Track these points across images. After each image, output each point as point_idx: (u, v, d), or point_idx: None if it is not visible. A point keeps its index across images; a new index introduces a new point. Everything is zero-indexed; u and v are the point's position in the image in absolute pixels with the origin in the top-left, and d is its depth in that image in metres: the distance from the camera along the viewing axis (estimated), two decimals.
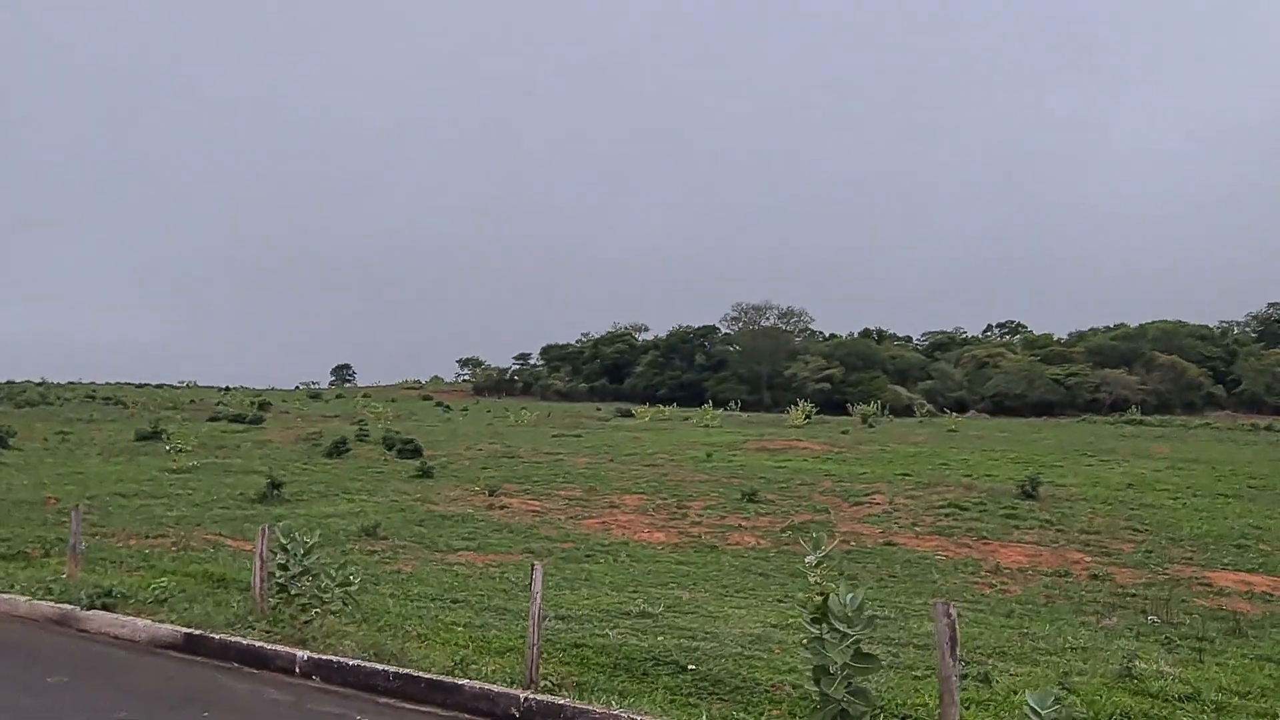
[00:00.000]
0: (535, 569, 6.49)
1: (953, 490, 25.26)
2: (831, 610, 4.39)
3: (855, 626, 4.33)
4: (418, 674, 6.16)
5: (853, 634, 4.35)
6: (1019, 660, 8.85)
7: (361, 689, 6.22)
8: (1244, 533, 20.67)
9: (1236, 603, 13.97)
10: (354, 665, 6.35)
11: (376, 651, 6.71)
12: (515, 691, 5.51)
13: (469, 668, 6.56)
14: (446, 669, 6.42)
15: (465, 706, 5.67)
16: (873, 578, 14.90)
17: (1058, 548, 18.73)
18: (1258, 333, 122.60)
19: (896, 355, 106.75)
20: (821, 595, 4.65)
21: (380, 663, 6.42)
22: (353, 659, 6.43)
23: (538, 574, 6.43)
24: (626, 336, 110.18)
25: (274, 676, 6.80)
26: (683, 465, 30.46)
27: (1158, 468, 32.76)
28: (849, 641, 4.35)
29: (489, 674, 6.46)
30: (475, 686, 5.65)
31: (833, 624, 4.38)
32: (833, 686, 4.32)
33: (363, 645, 6.82)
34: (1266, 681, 8.14)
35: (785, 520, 20.54)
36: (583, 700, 5.80)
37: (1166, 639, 10.19)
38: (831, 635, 4.40)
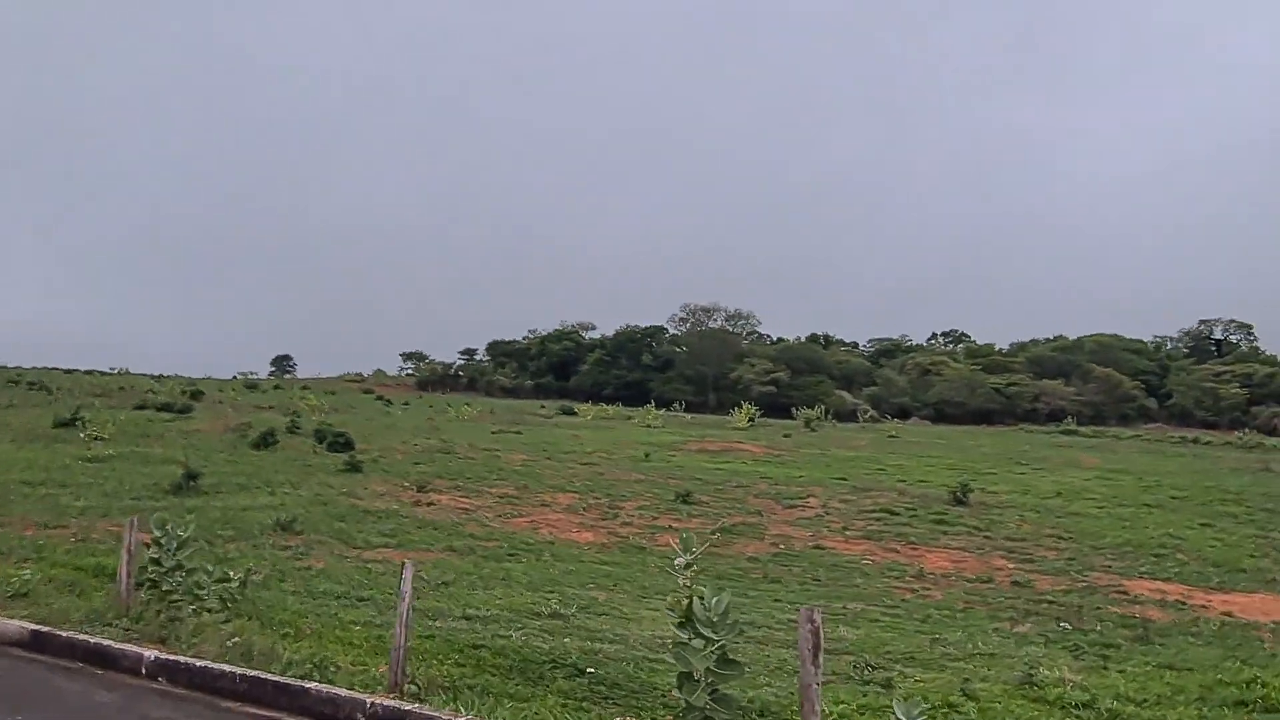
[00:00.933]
0: (405, 569, 6.21)
1: (886, 495, 25.44)
2: (696, 615, 4.19)
3: (720, 632, 4.14)
4: (265, 677, 5.83)
5: (717, 639, 4.15)
6: (926, 666, 8.79)
7: (207, 691, 5.87)
8: (1163, 542, 21.10)
9: (1149, 610, 14.17)
10: (201, 667, 5.99)
11: (244, 652, 6.36)
12: (362, 697, 5.23)
13: (327, 669, 6.25)
14: (304, 672, 6.10)
15: (311, 711, 5.37)
16: (796, 581, 14.84)
17: (983, 554, 18.90)
18: (1189, 348, 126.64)
19: (843, 360, 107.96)
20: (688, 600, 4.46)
21: (245, 664, 6.07)
22: (202, 660, 6.06)
23: (407, 574, 6.15)
24: (574, 334, 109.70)
25: (117, 677, 6.40)
26: (620, 465, 30.25)
27: (1087, 477, 33.44)
28: (713, 647, 4.15)
29: (356, 676, 6.16)
30: (322, 691, 5.35)
31: (698, 629, 4.18)
32: (695, 694, 4.13)
33: (228, 645, 6.45)
34: (1164, 689, 8.18)
35: (716, 522, 20.43)
36: (440, 707, 5.53)
37: (1075, 646, 10.25)
38: (696, 641, 4.20)
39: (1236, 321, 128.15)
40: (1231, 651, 10.96)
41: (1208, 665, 9.59)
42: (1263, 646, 11.79)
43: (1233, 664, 9.69)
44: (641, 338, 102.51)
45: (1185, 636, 12.06)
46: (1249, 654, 10.82)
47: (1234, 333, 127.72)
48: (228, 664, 5.96)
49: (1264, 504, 27.91)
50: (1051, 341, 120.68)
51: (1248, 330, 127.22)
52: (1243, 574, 18.46)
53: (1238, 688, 8.17)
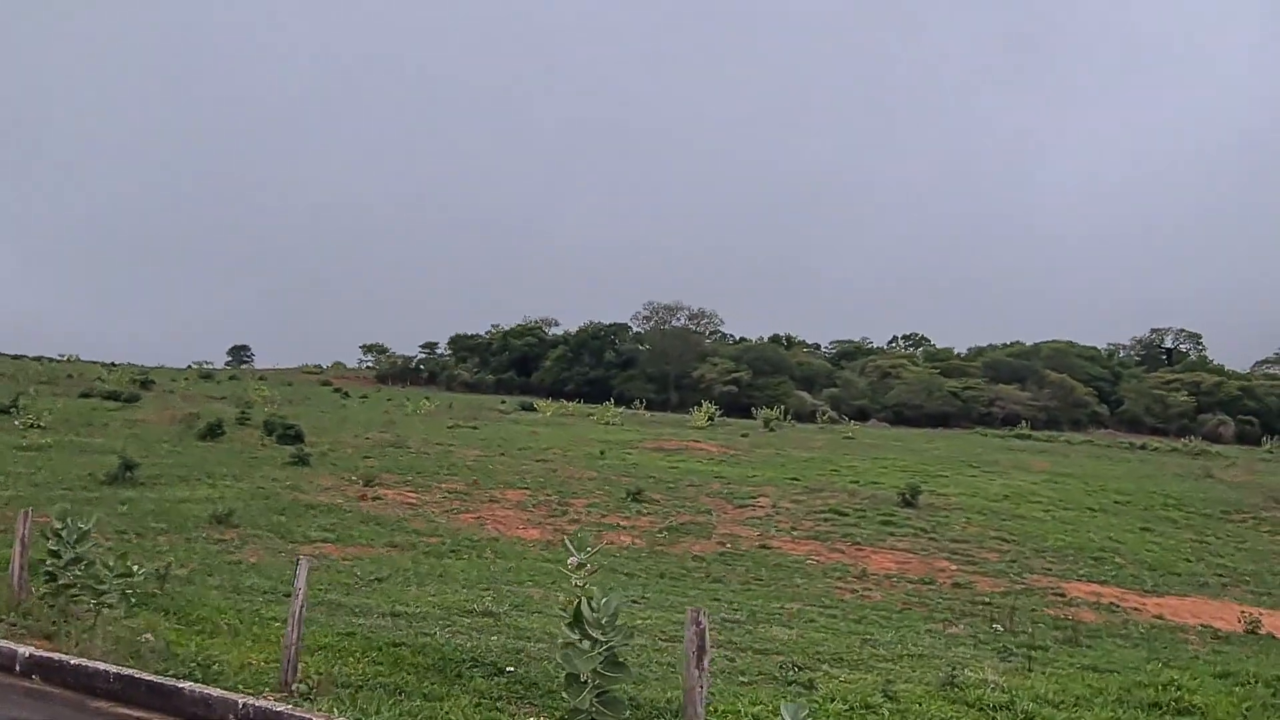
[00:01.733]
0: (299, 565, 6.07)
1: (837, 496, 25.59)
2: (584, 616, 4.13)
3: (609, 634, 4.08)
4: (140, 676, 5.64)
5: (606, 641, 4.09)
6: (853, 667, 8.81)
7: (80, 690, 5.67)
8: (1103, 546, 21.48)
9: (1082, 613, 14.40)
10: (75, 665, 5.79)
11: (134, 650, 6.17)
12: (235, 697, 5.10)
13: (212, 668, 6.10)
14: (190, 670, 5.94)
15: (182, 712, 5.21)
16: (739, 581, 14.86)
17: (927, 555, 19.08)
18: (1141, 356, 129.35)
19: (804, 362, 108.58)
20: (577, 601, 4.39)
21: (133, 662, 5.88)
22: (77, 659, 5.87)
23: (302, 570, 6.01)
24: (536, 330, 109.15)
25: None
26: (574, 462, 30.12)
27: (1035, 481, 33.92)
28: (601, 649, 4.09)
29: (249, 675, 6.01)
30: (196, 691, 5.21)
31: (586, 630, 4.12)
32: (579, 696, 4.06)
33: (118, 642, 6.26)
34: (1084, 691, 8.27)
35: (666, 520, 20.42)
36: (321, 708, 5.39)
37: (1004, 647, 10.35)
38: (584, 642, 4.14)
39: (1186, 331, 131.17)
40: (1156, 654, 11.15)
41: (1131, 667, 9.74)
42: (1188, 649, 12.03)
43: (1155, 666, 9.85)
44: (605, 335, 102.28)
45: (1114, 639, 12.27)
46: (1173, 656, 11.02)
47: (1184, 342, 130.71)
48: (106, 662, 5.77)
49: (1203, 510, 28.56)
50: (1009, 347, 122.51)
51: (1197, 340, 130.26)
52: (1177, 578, 18.86)
53: (1156, 690, 8.30)
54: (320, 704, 5.39)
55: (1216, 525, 26.11)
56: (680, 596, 12.60)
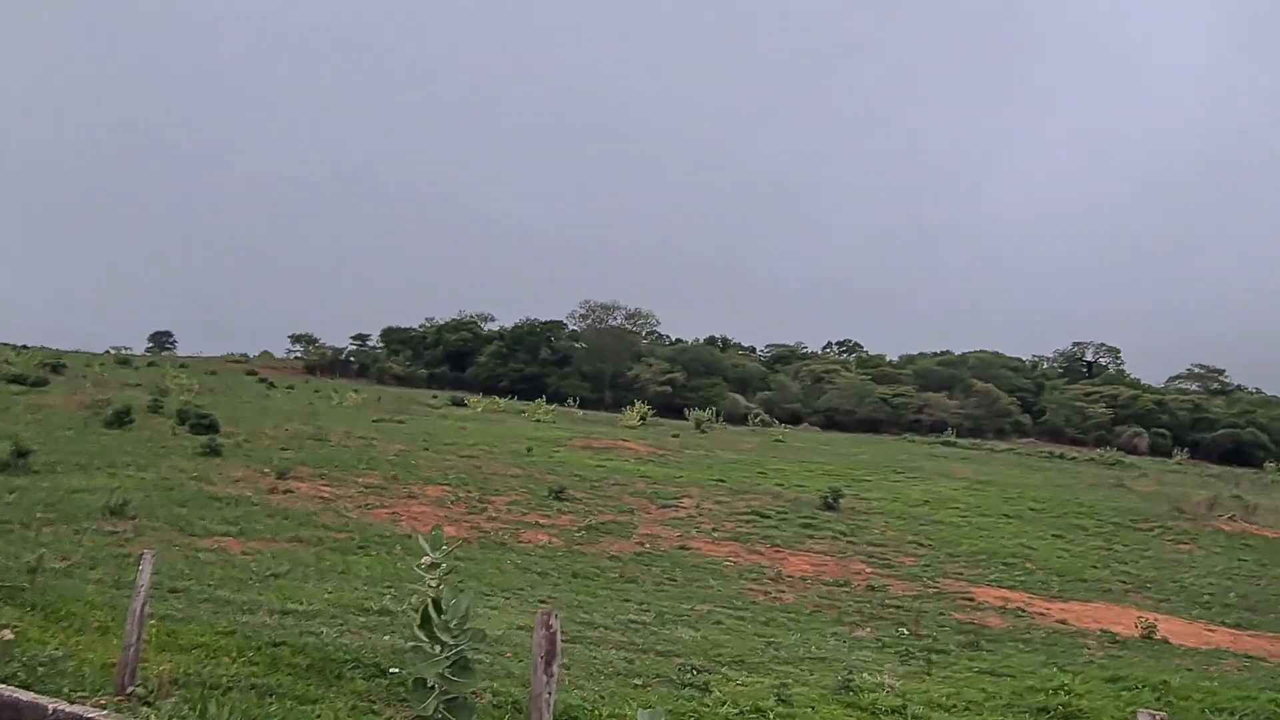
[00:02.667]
0: (144, 559, 5.74)
1: (760, 498, 25.72)
2: (432, 618, 3.92)
3: (459, 637, 3.88)
4: None
5: (455, 644, 3.89)
6: (752, 669, 8.74)
7: None
8: (1015, 551, 21.97)
9: (988, 617, 14.64)
10: None
11: None
12: (47, 702, 4.76)
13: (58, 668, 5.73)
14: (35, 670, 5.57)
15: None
16: (652, 581, 14.74)
17: (844, 558, 19.24)
18: (1063, 368, 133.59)
19: (739, 364, 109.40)
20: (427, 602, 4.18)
21: None
22: None
23: (146, 565, 5.69)
24: (471, 325, 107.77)
25: None
26: (500, 459, 29.73)
27: (955, 487, 34.67)
28: (450, 652, 3.89)
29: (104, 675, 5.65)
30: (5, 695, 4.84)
31: (434, 633, 3.91)
32: (425, 700, 3.86)
33: None
34: (978, 695, 8.33)
35: (586, 520, 20.22)
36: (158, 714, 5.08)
37: (906, 651, 10.41)
38: (432, 645, 3.93)
39: (1106, 345, 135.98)
40: (1054, 658, 11.36)
41: (1027, 671, 9.87)
42: (1085, 653, 12.29)
43: (1050, 671, 10.01)
44: (541, 332, 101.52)
45: (1016, 643, 12.47)
46: (1069, 661, 11.24)
47: (1104, 355, 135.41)
48: None
49: (1113, 518, 29.47)
50: (938, 356, 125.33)
51: (1116, 354, 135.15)
52: (1083, 584, 19.34)
53: (1046, 694, 8.40)
54: (159, 708, 5.07)
55: (1124, 533, 26.91)
56: (590, 597, 12.42)
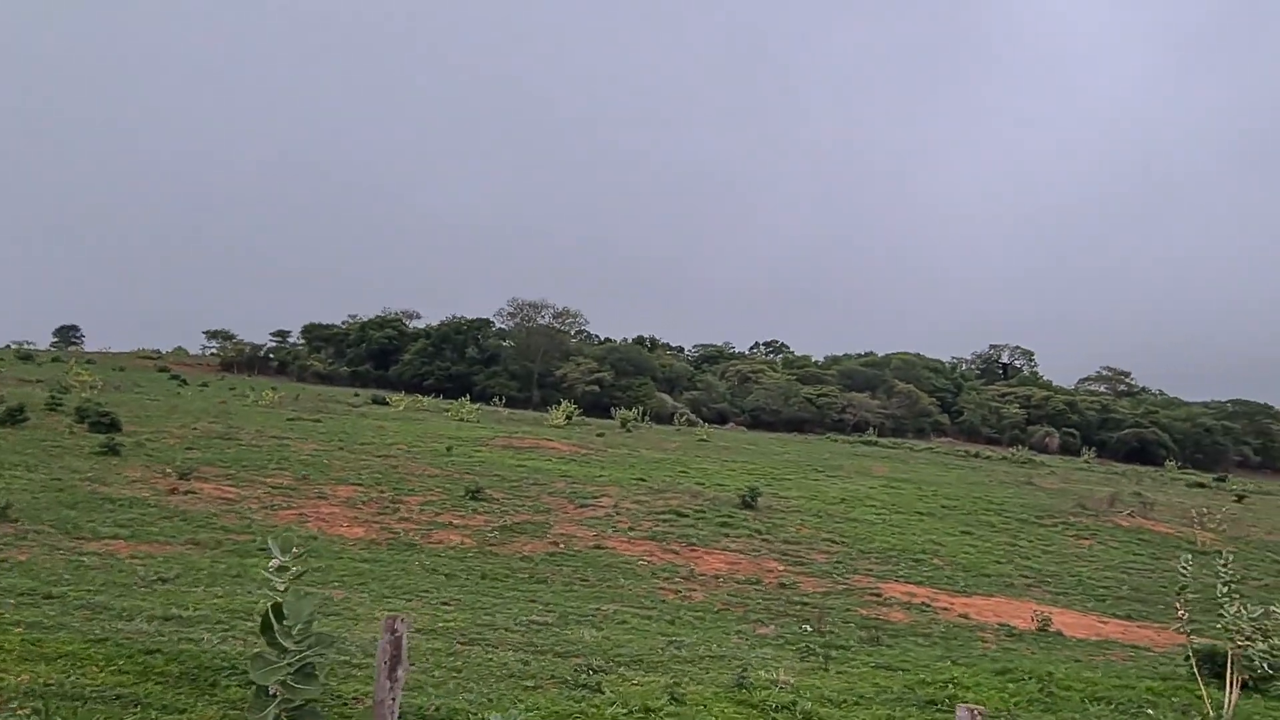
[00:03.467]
0: None
1: (680, 497, 25.79)
2: (274, 625, 3.77)
3: (302, 643, 3.74)
4: None
5: (298, 650, 3.75)
6: (650, 669, 8.72)
7: None
8: (924, 548, 22.48)
9: (893, 612, 14.93)
10: None
11: None
12: None
13: None
14: None
15: None
16: (562, 582, 14.63)
17: (758, 556, 19.42)
18: (980, 370, 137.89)
19: (667, 364, 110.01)
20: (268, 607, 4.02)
21: None
22: None
23: None
24: (396, 322, 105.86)
25: None
26: (419, 458, 29.23)
27: (873, 486, 35.33)
28: (293, 659, 3.75)
29: None
30: None
31: (276, 639, 3.76)
32: (263, 711, 3.71)
33: None
34: (870, 689, 8.46)
35: (501, 520, 19.99)
36: None
37: (807, 648, 10.52)
38: (273, 651, 3.78)
39: (1021, 348, 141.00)
40: (951, 652, 11.63)
41: (922, 666, 10.07)
42: (981, 646, 12.62)
43: (945, 664, 10.23)
44: (468, 330, 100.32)
45: (916, 638, 12.73)
46: (964, 654, 11.51)
47: (1018, 358, 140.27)
48: None
49: (1020, 514, 30.44)
50: (862, 357, 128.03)
51: (1030, 356, 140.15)
52: (987, 578, 19.90)
53: (936, 687, 8.57)
54: None
55: (1030, 529, 27.81)
56: (496, 598, 12.26)
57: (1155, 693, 9.25)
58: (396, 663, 3.61)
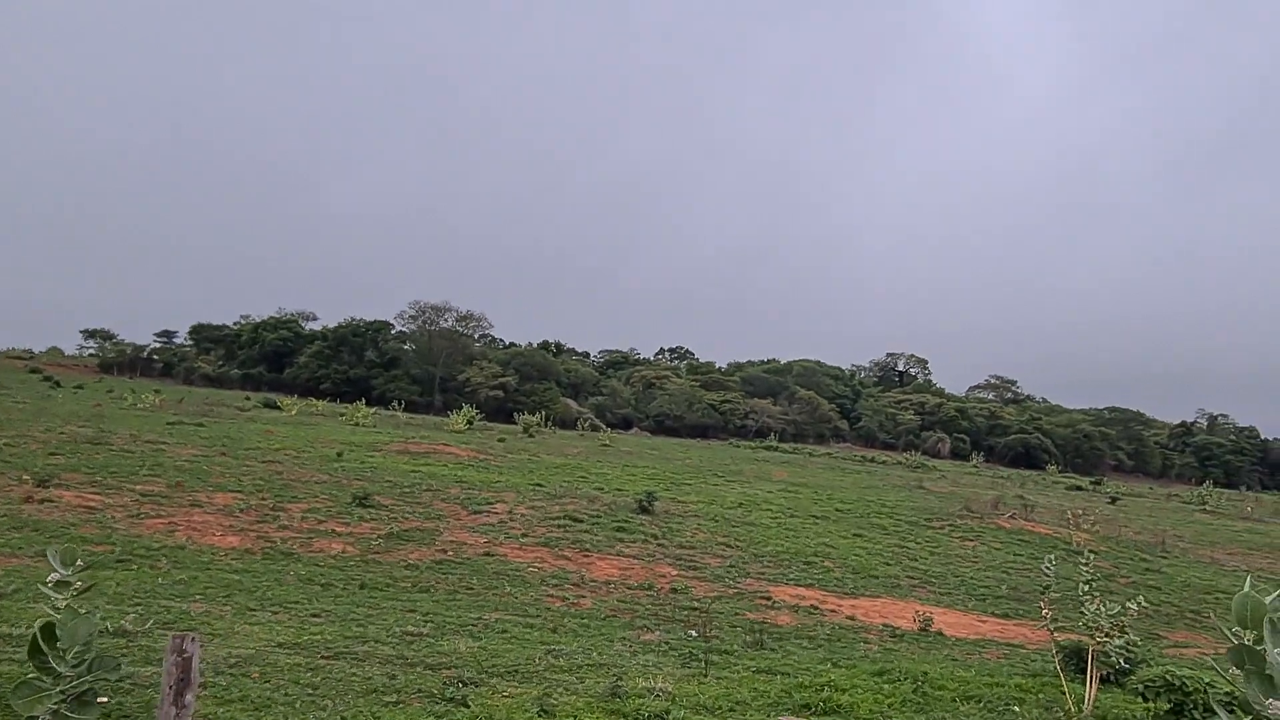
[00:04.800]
0: None
1: (577, 502, 25.52)
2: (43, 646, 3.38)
3: (79, 667, 3.36)
4: None
5: (73, 676, 3.37)
6: (525, 679, 8.43)
7: None
8: (817, 550, 22.79)
9: (781, 615, 15.01)
10: None
11: None
12: None
13: None
14: None
15: None
16: (446, 591, 14.17)
17: (652, 561, 19.31)
18: (878, 377, 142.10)
19: (573, 369, 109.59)
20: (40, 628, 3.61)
21: None
22: None
23: None
24: (292, 323, 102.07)
25: None
26: (307, 464, 28.13)
27: (771, 490, 35.77)
28: (66, 684, 3.36)
29: None
30: None
31: (49, 663, 3.37)
32: None
33: None
34: (748, 694, 8.37)
35: (388, 527, 19.34)
36: None
37: (690, 653, 10.40)
38: (45, 677, 3.39)
39: (916, 356, 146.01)
40: (833, 654, 11.71)
41: (803, 669, 10.07)
42: (864, 648, 12.77)
43: (825, 667, 10.26)
44: (367, 332, 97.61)
45: (801, 640, 12.79)
46: (846, 656, 11.60)
47: (913, 366, 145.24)
48: None
49: (910, 517, 31.27)
50: (765, 364, 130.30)
51: (924, 364, 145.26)
52: (875, 580, 20.29)
53: (813, 691, 8.54)
54: None
55: (918, 532, 28.56)
56: (371, 609, 11.75)
57: (1024, 689, 9.46)
58: (185, 686, 3.24)
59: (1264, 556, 32.97)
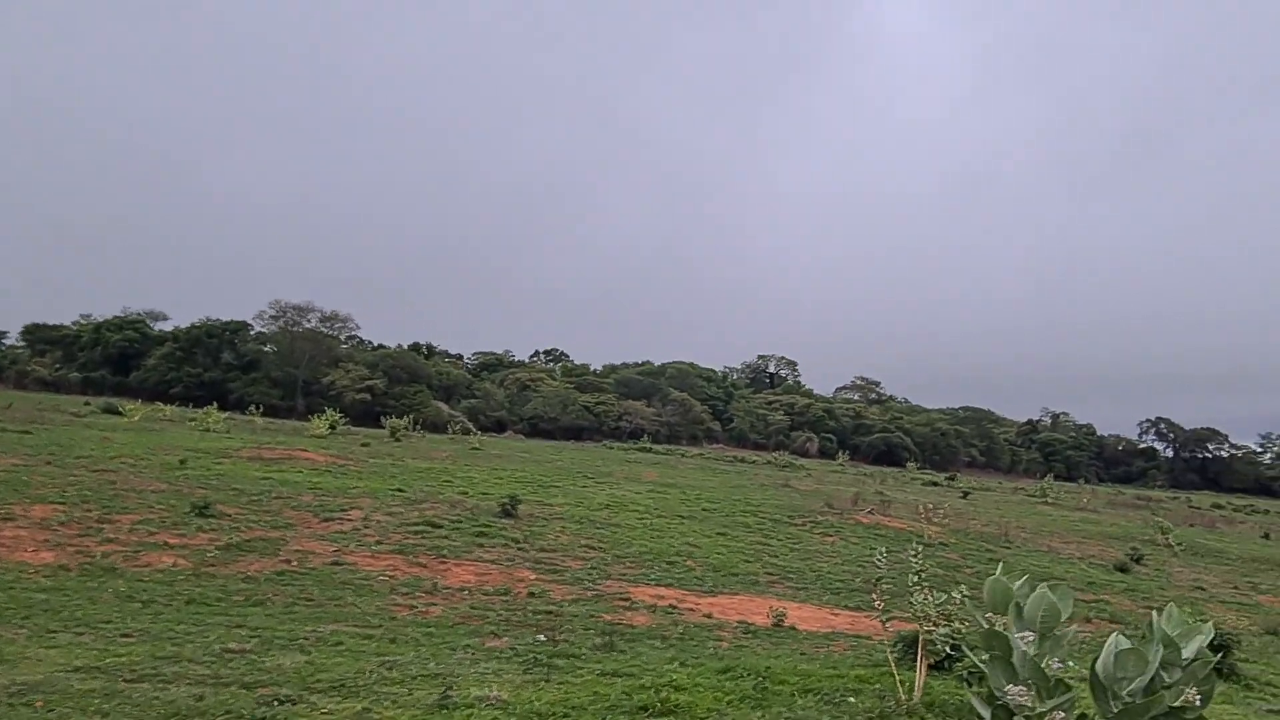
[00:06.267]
0: None
1: (438, 507, 24.81)
2: None
3: None
4: None
5: None
6: (351, 694, 7.95)
7: None
8: (680, 550, 22.90)
9: (638, 616, 14.92)
10: None
11: None
12: None
13: None
14: None
15: None
16: (283, 603, 13.39)
17: (511, 565, 18.91)
18: (749, 380, 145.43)
19: (445, 371, 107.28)
20: None
21: None
22: None
23: None
24: (139, 324, 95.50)
25: None
26: (145, 472, 26.27)
27: (639, 491, 35.84)
28: None
29: None
30: None
31: None
32: None
33: None
34: (585, 698, 8.15)
35: (228, 537, 18.21)
36: None
37: (534, 659, 10.12)
38: None
39: (786, 359, 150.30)
40: (684, 653, 11.65)
41: (648, 670, 9.93)
42: (715, 645, 12.80)
43: (672, 667, 10.17)
44: (223, 333, 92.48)
45: (653, 640, 12.70)
46: (697, 654, 11.57)
47: (784, 368, 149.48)
48: None
49: (774, 515, 31.94)
50: (640, 366, 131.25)
51: (794, 366, 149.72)
52: (735, 577, 20.54)
53: (653, 692, 8.41)
54: None
55: (781, 529, 29.18)
56: (195, 625, 10.93)
57: (863, 680, 9.63)
58: None
59: (1095, 544, 35.38)
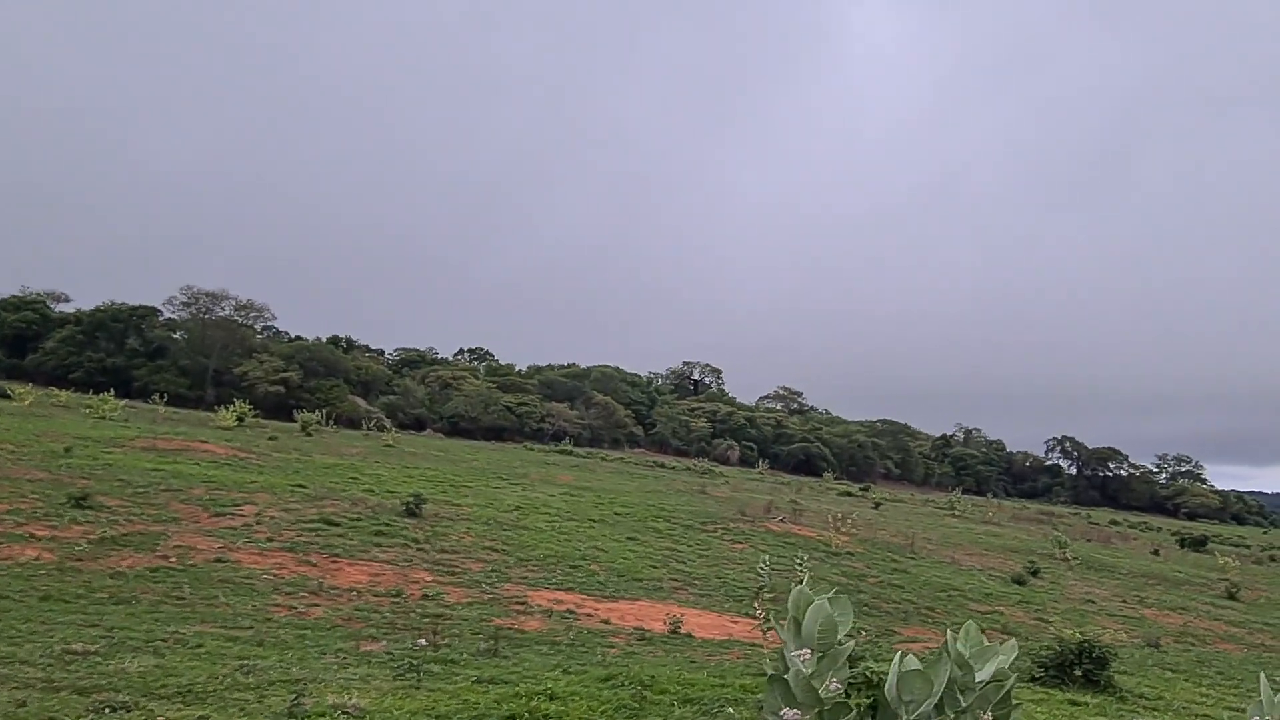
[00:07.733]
0: None
1: (337, 504, 23.98)
2: None
3: None
4: None
5: None
6: (196, 700, 7.42)
7: None
8: (585, 554, 22.55)
9: (530, 621, 14.55)
10: None
11: None
12: None
13: None
14: None
15: None
16: (149, 601, 12.62)
17: (408, 567, 18.32)
18: (673, 385, 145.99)
19: (364, 366, 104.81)
20: None
21: None
22: None
23: None
24: (38, 304, 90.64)
25: None
26: (25, 460, 24.78)
27: (553, 494, 35.37)
28: None
29: None
30: None
31: None
32: None
33: None
34: (454, 707, 7.78)
35: (104, 530, 17.19)
36: None
37: (409, 664, 9.67)
38: None
39: (711, 366, 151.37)
40: (571, 659, 11.34)
41: (528, 677, 9.60)
42: (606, 652, 12.51)
43: (554, 674, 9.85)
44: (129, 318, 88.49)
45: (543, 646, 12.36)
46: (585, 661, 11.28)
47: (708, 375, 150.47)
48: None
49: (687, 521, 31.82)
50: (564, 368, 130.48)
51: (718, 374, 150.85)
52: (639, 582, 20.29)
53: (524, 700, 8.07)
54: None
55: (692, 535, 29.06)
56: (40, 624, 10.16)
57: (746, 689, 9.46)
58: None
59: (996, 556, 36.26)
